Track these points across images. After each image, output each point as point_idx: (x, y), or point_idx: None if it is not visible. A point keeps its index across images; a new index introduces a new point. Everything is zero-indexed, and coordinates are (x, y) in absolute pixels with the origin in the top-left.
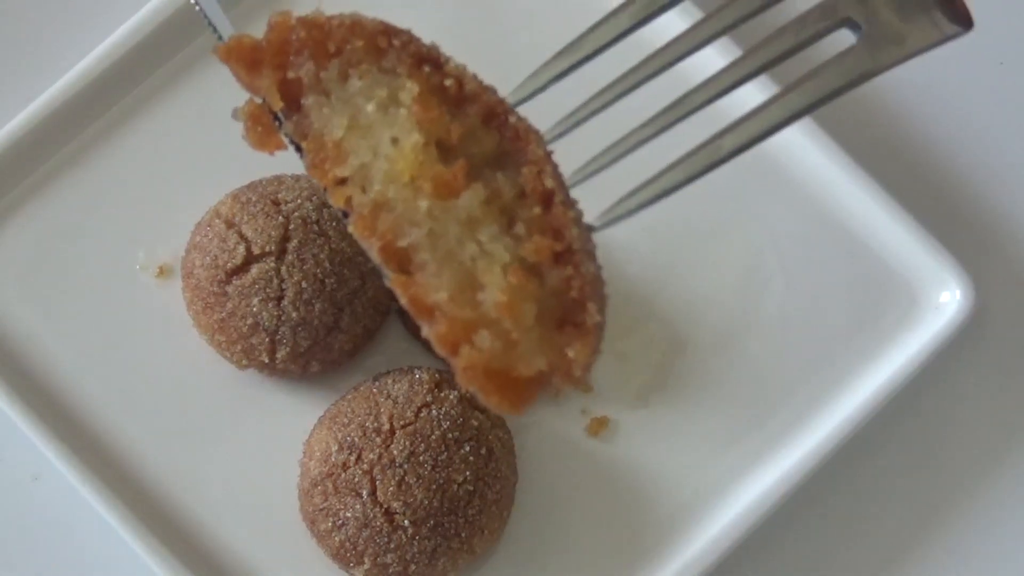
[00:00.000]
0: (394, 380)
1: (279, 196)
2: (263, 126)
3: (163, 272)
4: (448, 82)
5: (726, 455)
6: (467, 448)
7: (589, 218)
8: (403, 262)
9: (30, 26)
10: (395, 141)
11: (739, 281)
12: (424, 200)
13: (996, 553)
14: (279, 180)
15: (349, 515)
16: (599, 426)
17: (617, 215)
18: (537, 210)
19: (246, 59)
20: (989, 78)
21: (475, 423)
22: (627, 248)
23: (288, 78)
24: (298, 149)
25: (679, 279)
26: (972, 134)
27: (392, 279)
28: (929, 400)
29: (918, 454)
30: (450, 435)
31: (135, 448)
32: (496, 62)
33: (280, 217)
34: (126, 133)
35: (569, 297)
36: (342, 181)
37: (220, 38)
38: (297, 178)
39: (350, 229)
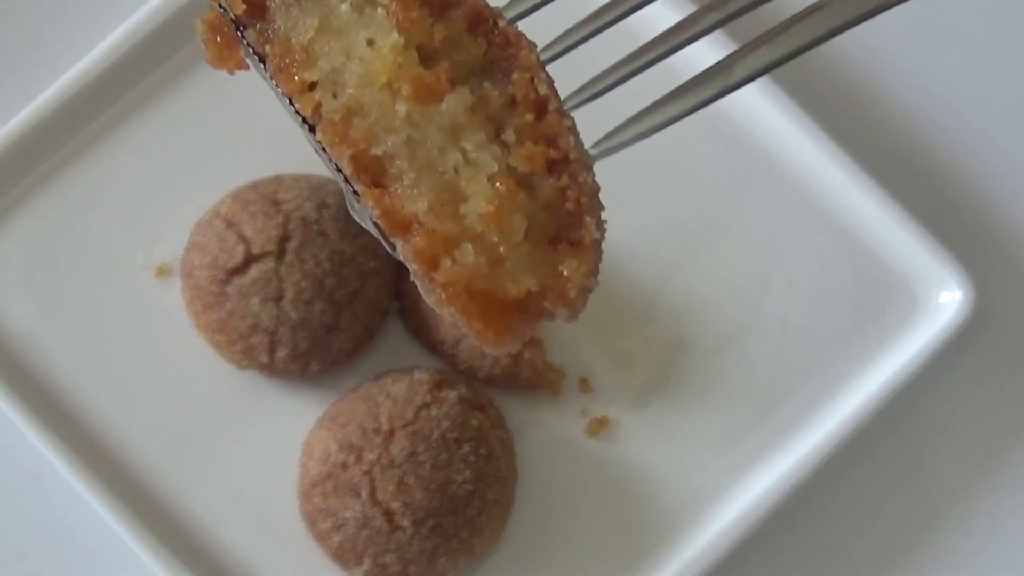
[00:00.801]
0: (394, 380)
1: (279, 196)
2: (223, 36)
3: (163, 272)
4: None
5: (726, 455)
6: (467, 448)
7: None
8: (376, 175)
9: (30, 25)
10: (371, 43)
11: (739, 281)
12: (402, 104)
13: (996, 553)
14: (279, 180)
15: (349, 515)
16: (599, 426)
17: (619, 142)
18: (529, 117)
19: None
20: (990, 78)
21: (475, 423)
22: (627, 248)
23: None
24: (261, 61)
25: (679, 279)
26: (973, 134)
27: (365, 193)
28: (929, 400)
29: (918, 454)
30: (450, 435)
31: (135, 448)
32: None
33: (280, 217)
34: (126, 133)
35: (564, 211)
36: (310, 87)
37: None
38: (297, 178)
39: (318, 137)
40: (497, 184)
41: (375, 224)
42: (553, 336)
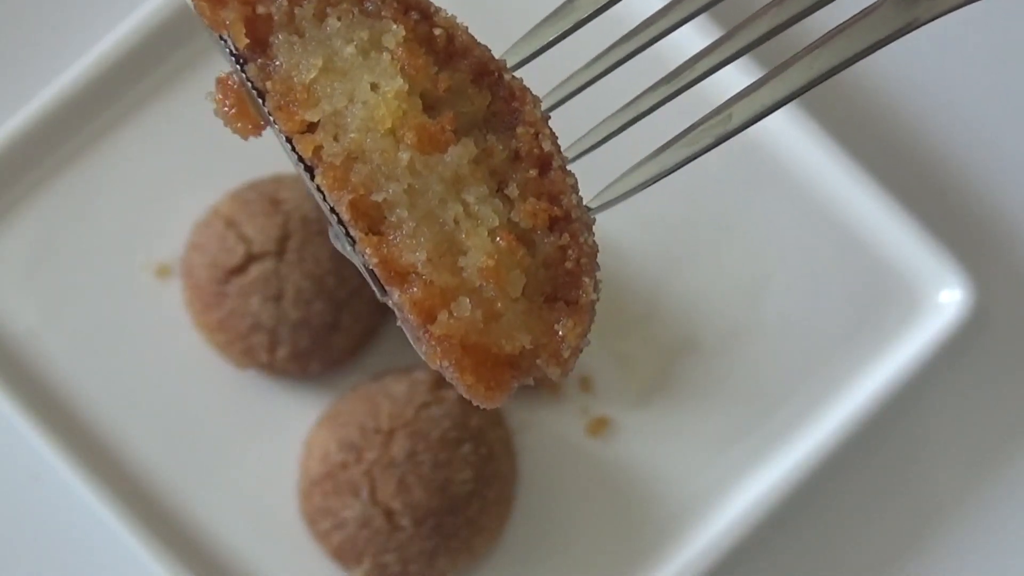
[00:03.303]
0: (394, 380)
1: (279, 195)
2: (233, 97)
3: (162, 271)
4: (437, 31)
5: (726, 455)
6: (467, 448)
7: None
8: (374, 221)
9: (29, 25)
10: (375, 87)
11: (739, 281)
12: (406, 152)
13: (997, 553)
14: (279, 180)
15: (349, 515)
16: (599, 426)
17: (616, 195)
18: (533, 172)
19: None
20: (990, 78)
21: (475, 423)
22: (627, 249)
23: (258, 13)
24: (260, 97)
25: (679, 280)
26: (972, 133)
27: (362, 240)
28: (929, 400)
29: (918, 453)
30: (450, 435)
31: (135, 447)
32: (487, 24)
33: (279, 216)
34: (126, 132)
35: (562, 270)
36: (310, 128)
37: None
38: (297, 178)
39: (317, 180)
40: (498, 239)
41: (366, 268)
42: None
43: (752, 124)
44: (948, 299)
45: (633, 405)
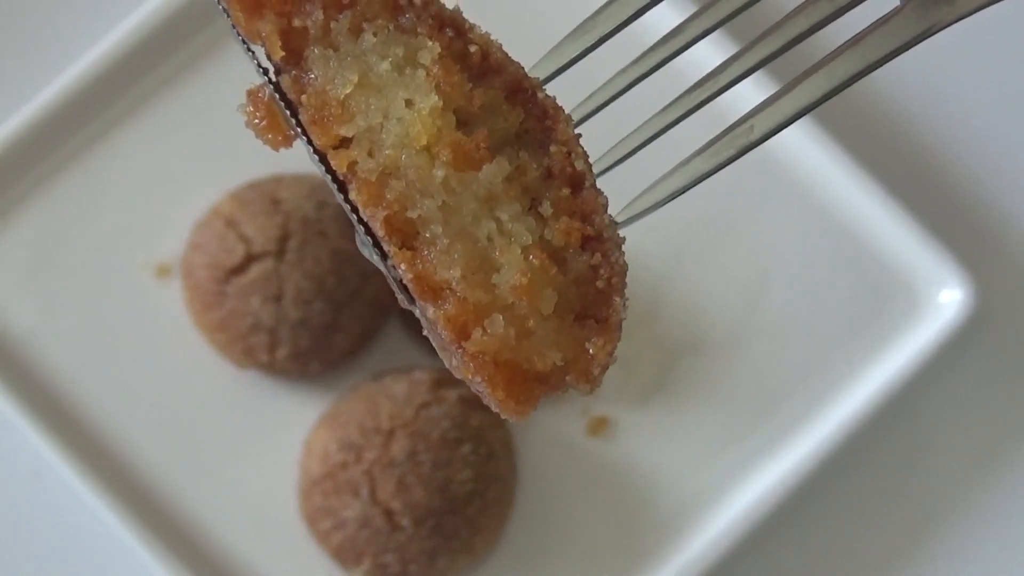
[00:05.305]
0: (394, 380)
1: (279, 195)
2: (264, 110)
3: (163, 272)
4: (472, 48)
5: (726, 455)
6: (467, 448)
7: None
8: (408, 236)
9: (29, 25)
10: (409, 104)
11: (739, 282)
12: (441, 169)
13: (997, 553)
14: (279, 179)
15: (349, 515)
16: (599, 426)
17: (643, 208)
18: (566, 191)
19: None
20: (990, 78)
21: (475, 423)
22: (627, 248)
23: (293, 26)
24: (292, 110)
25: (680, 280)
26: (973, 133)
27: (396, 255)
28: (929, 400)
29: (918, 453)
30: (450, 435)
31: (135, 447)
32: (516, 39)
33: (280, 216)
34: (126, 132)
35: (592, 289)
36: (343, 143)
37: None
38: (297, 178)
39: (351, 195)
40: (531, 257)
41: (397, 282)
42: None
43: (775, 134)
44: (948, 299)
45: (633, 405)
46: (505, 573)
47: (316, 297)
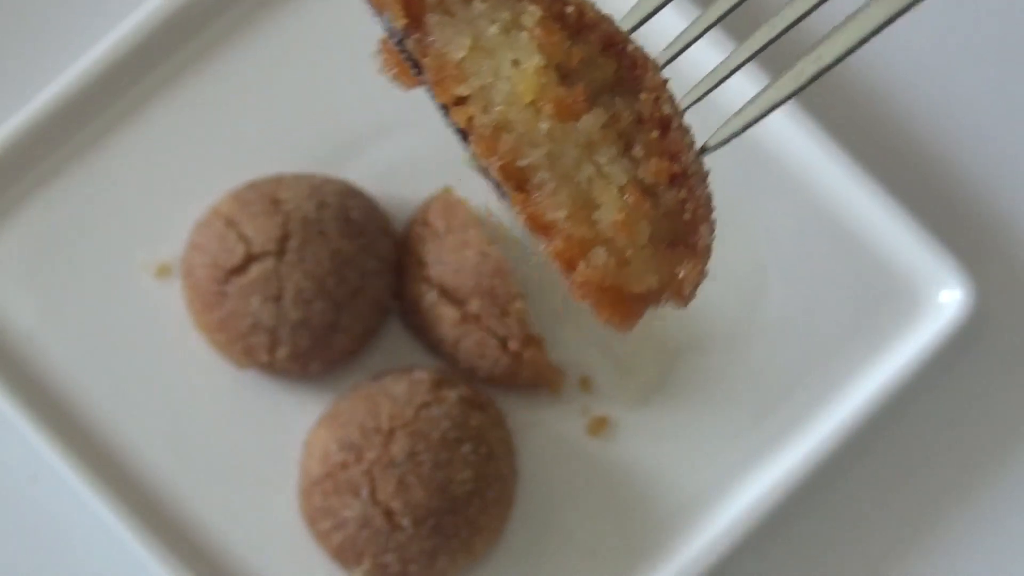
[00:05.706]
0: (394, 380)
1: (279, 195)
2: (394, 60)
3: (163, 272)
4: (569, 9)
5: (726, 455)
6: (467, 448)
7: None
8: (520, 182)
9: (29, 24)
10: (516, 63)
11: (739, 281)
12: (545, 122)
13: (997, 553)
14: (279, 179)
15: (349, 515)
16: (599, 426)
17: (729, 133)
18: (655, 134)
19: None
20: (990, 78)
21: (475, 423)
22: None
23: None
24: (416, 66)
25: None
26: (972, 132)
27: (512, 197)
28: (929, 400)
29: (918, 454)
30: (450, 435)
31: (134, 448)
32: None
33: (280, 216)
34: (126, 132)
35: (681, 219)
36: (461, 100)
37: None
38: (297, 178)
39: (471, 149)
40: (626, 195)
41: (498, 187)
42: (553, 336)
43: (843, 59)
44: (948, 299)
45: (633, 405)
46: (505, 573)
47: (316, 297)
